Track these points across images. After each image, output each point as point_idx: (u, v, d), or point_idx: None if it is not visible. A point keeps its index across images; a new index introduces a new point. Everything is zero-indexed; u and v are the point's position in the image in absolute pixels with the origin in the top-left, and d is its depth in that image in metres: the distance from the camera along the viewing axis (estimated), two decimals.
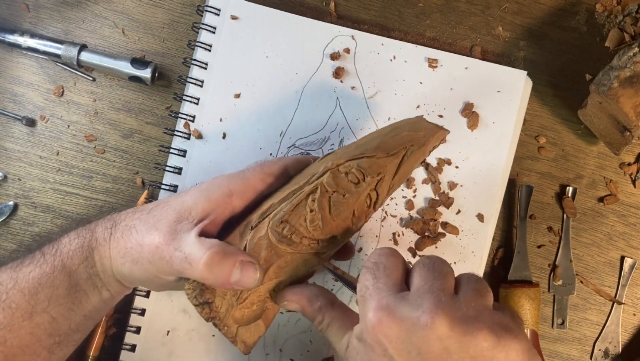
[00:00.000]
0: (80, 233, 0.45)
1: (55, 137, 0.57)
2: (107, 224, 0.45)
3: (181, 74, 0.58)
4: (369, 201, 0.45)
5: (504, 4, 0.61)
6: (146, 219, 0.44)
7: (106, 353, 0.56)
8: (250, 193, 0.46)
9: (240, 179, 0.46)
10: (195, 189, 0.45)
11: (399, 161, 0.45)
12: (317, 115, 0.58)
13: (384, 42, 0.59)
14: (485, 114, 0.59)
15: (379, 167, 0.44)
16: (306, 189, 0.43)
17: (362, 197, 0.44)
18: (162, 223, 0.43)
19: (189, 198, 0.44)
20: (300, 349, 0.57)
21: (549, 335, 0.60)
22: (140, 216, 0.44)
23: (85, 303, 0.45)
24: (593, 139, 0.61)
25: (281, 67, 0.58)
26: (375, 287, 0.37)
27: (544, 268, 0.60)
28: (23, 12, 0.58)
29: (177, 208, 0.43)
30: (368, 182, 0.44)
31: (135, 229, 0.44)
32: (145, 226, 0.43)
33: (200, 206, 0.43)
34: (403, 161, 0.45)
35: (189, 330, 0.56)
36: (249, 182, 0.46)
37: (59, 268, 0.44)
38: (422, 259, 0.39)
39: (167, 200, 0.45)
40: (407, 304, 0.35)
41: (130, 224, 0.44)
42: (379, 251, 0.40)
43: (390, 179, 0.45)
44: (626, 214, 0.61)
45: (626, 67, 0.53)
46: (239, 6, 0.58)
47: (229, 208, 0.44)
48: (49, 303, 0.43)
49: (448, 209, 0.58)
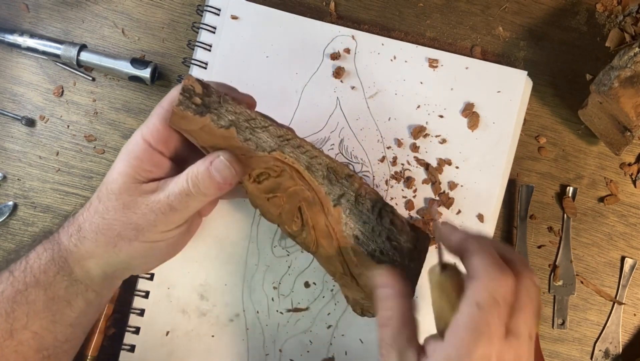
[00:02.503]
0: (47, 246, 0.45)
1: (55, 137, 0.57)
2: (71, 230, 0.45)
3: (181, 74, 0.58)
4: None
5: (504, 4, 0.61)
6: (106, 206, 0.43)
7: (105, 353, 0.56)
8: (166, 132, 0.44)
9: (148, 128, 0.44)
10: (115, 164, 0.44)
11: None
12: (317, 115, 0.58)
13: (384, 42, 0.59)
14: (485, 115, 0.59)
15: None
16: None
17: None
18: (122, 195, 0.43)
19: (115, 170, 0.43)
20: (300, 349, 0.57)
21: (550, 335, 0.60)
22: (99, 204, 0.44)
23: (68, 312, 0.44)
24: (593, 139, 0.61)
25: (281, 67, 0.58)
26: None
27: (544, 268, 0.60)
28: (23, 12, 0.58)
29: (117, 180, 0.43)
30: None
31: (107, 214, 0.43)
32: (114, 211, 0.43)
33: (126, 169, 0.43)
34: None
35: (188, 330, 0.56)
36: (158, 126, 0.44)
37: (32, 283, 0.43)
38: (529, 290, 0.37)
39: (105, 185, 0.44)
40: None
41: (100, 214, 0.44)
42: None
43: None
44: (626, 214, 0.61)
45: (627, 67, 0.53)
46: (239, 6, 0.58)
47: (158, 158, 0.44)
48: (28, 320, 0.43)
49: (448, 210, 0.58)
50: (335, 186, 0.44)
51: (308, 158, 0.43)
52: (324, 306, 0.57)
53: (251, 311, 0.57)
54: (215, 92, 0.42)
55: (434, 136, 0.58)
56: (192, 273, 0.56)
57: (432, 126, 0.58)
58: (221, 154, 0.42)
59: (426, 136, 0.58)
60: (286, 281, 0.57)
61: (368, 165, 0.58)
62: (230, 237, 0.57)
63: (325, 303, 0.57)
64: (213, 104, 0.41)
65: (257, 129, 0.42)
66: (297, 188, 0.43)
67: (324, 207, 0.43)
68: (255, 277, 0.57)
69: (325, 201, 0.43)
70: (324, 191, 0.43)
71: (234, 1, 0.58)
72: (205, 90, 0.41)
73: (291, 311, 0.57)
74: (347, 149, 0.58)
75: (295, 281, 0.57)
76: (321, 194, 0.43)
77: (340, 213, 0.43)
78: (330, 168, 0.44)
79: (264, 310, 0.57)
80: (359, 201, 0.45)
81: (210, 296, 0.56)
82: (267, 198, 0.44)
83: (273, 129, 0.43)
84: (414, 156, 0.58)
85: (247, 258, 0.57)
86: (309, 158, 0.43)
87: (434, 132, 0.58)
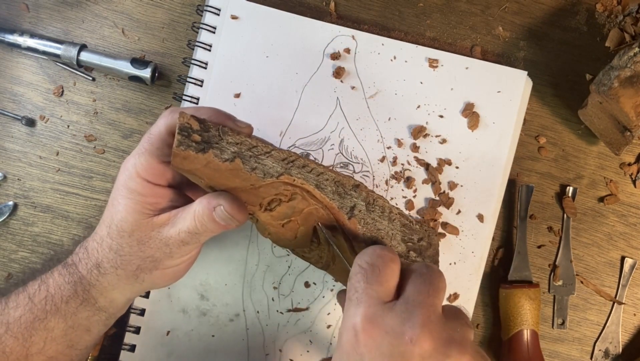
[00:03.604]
0: (68, 278, 0.44)
1: (55, 137, 0.57)
2: (89, 264, 0.44)
3: (181, 74, 0.58)
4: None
5: (504, 4, 0.61)
6: (119, 244, 0.43)
7: (105, 353, 0.56)
8: (160, 166, 0.43)
9: (142, 165, 0.43)
10: (117, 200, 0.44)
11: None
12: (317, 115, 0.58)
13: (385, 42, 0.59)
14: (485, 114, 0.59)
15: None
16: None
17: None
18: (134, 232, 0.43)
19: (121, 207, 0.43)
20: (300, 349, 0.57)
21: (549, 335, 0.60)
22: (112, 241, 0.44)
23: (86, 338, 0.45)
24: (593, 139, 0.61)
25: (281, 67, 0.58)
26: (366, 292, 0.36)
27: (544, 268, 0.60)
28: (23, 12, 0.58)
29: (121, 223, 0.43)
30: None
31: (122, 251, 0.43)
32: (129, 247, 0.43)
33: (130, 210, 0.43)
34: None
35: (189, 330, 0.56)
36: (152, 162, 0.43)
37: (53, 312, 0.43)
38: (419, 268, 0.38)
39: (115, 223, 0.44)
40: (395, 315, 0.35)
41: (115, 252, 0.44)
42: (377, 252, 0.38)
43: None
44: (626, 214, 0.61)
45: (626, 67, 0.53)
46: (239, 6, 0.58)
47: (152, 189, 0.43)
48: (45, 345, 0.43)
49: (448, 210, 0.58)
50: (345, 199, 0.43)
51: (315, 176, 0.42)
52: (324, 306, 0.57)
53: (251, 311, 0.57)
54: (213, 126, 0.40)
55: (434, 136, 0.58)
56: (192, 272, 0.56)
57: (432, 126, 0.58)
58: (222, 202, 0.41)
59: (426, 136, 0.58)
60: (286, 281, 0.57)
61: (368, 165, 0.58)
62: (231, 237, 0.57)
63: (325, 303, 0.57)
64: (213, 138, 0.39)
65: (260, 156, 0.40)
66: (311, 208, 0.42)
67: (339, 222, 0.43)
68: (256, 277, 0.57)
69: (340, 215, 0.42)
70: (337, 206, 0.42)
71: (234, 1, 0.58)
72: (202, 125, 0.39)
73: (291, 311, 0.57)
74: (347, 149, 0.58)
75: (295, 281, 0.57)
76: (335, 210, 0.42)
77: (356, 224, 0.42)
78: (338, 182, 0.44)
79: (264, 309, 0.57)
80: (369, 209, 0.44)
81: (210, 296, 0.57)
82: (282, 225, 0.44)
83: (276, 153, 0.41)
84: (414, 156, 0.58)
85: (247, 258, 0.57)
86: (315, 176, 0.42)
87: (434, 132, 0.58)
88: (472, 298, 0.58)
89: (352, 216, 0.42)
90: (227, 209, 0.40)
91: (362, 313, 0.35)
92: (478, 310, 0.60)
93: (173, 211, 0.43)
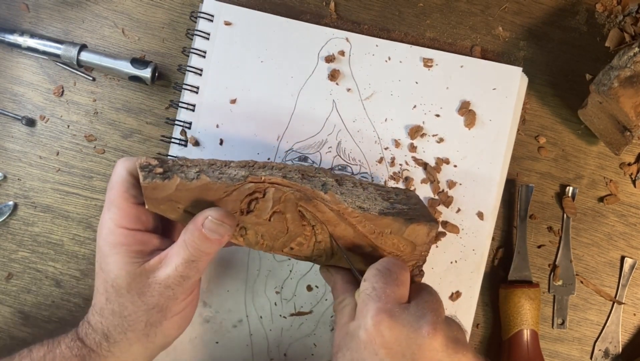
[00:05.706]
0: (74, 349, 0.44)
1: (55, 137, 0.58)
2: (97, 337, 0.44)
3: (177, 81, 0.58)
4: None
5: (504, 4, 0.61)
6: (120, 303, 0.43)
7: None
8: (134, 211, 0.44)
9: (117, 215, 0.43)
10: (104, 262, 0.43)
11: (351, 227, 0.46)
12: (313, 118, 0.58)
13: (379, 43, 0.59)
14: (481, 112, 0.59)
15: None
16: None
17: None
18: (132, 286, 0.43)
19: (110, 266, 0.43)
20: (304, 353, 0.57)
21: (549, 335, 0.60)
22: (112, 305, 0.43)
23: None
24: (593, 139, 0.61)
25: (276, 71, 0.58)
26: (383, 291, 0.40)
27: (544, 268, 0.60)
28: (23, 12, 0.58)
29: (114, 278, 0.43)
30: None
31: (125, 311, 0.43)
32: (131, 304, 0.43)
33: (120, 265, 0.43)
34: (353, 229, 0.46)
35: (192, 337, 0.56)
36: (125, 209, 0.43)
37: None
38: (427, 287, 0.43)
39: (109, 282, 0.43)
40: (410, 314, 0.39)
41: (119, 315, 0.43)
42: (393, 261, 0.43)
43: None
44: (626, 214, 0.61)
45: (626, 67, 0.53)
46: (232, 12, 0.58)
47: (134, 237, 0.44)
48: None
49: (447, 208, 0.58)
50: (314, 181, 0.46)
51: (278, 171, 0.45)
52: (327, 309, 0.57)
53: (254, 316, 0.57)
54: (169, 160, 0.43)
55: (431, 135, 0.58)
56: None
57: (429, 126, 0.58)
58: (209, 213, 0.41)
59: (423, 135, 0.58)
60: (288, 285, 0.57)
61: (366, 166, 0.58)
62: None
63: (328, 306, 0.57)
64: (173, 167, 0.42)
65: (222, 168, 0.44)
66: (287, 194, 0.43)
67: (317, 197, 0.44)
68: (257, 282, 0.57)
69: (316, 193, 0.44)
70: (309, 187, 0.44)
71: (226, 7, 0.58)
72: (159, 160, 0.42)
73: (294, 315, 0.57)
74: (344, 152, 0.58)
75: (298, 285, 0.57)
76: (308, 190, 0.44)
77: (334, 195, 0.44)
78: (301, 171, 0.46)
79: (267, 314, 0.57)
80: (340, 183, 0.47)
81: (212, 303, 0.57)
82: (269, 218, 0.44)
83: (234, 163, 0.44)
84: (411, 156, 0.58)
85: (248, 263, 0.57)
86: (279, 170, 0.45)
87: (431, 132, 0.58)
88: (474, 295, 0.58)
89: (326, 190, 0.44)
90: (215, 215, 0.41)
91: (379, 307, 0.39)
92: (478, 310, 0.60)
93: (163, 253, 0.43)
